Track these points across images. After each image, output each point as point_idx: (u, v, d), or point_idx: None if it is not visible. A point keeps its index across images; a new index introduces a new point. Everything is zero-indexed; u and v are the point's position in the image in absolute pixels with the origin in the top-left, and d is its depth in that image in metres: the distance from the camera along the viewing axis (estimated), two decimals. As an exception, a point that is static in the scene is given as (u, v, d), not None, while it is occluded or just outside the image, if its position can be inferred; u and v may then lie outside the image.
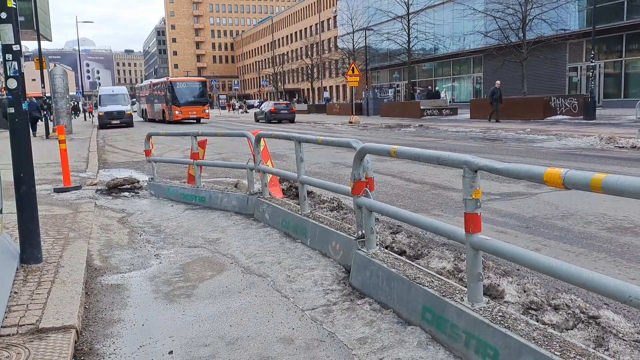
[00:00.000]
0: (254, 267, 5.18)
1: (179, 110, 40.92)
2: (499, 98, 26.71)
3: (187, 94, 42.17)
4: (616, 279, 2.52)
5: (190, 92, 42.41)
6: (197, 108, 42.12)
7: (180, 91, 41.82)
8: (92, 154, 16.70)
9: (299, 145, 6.06)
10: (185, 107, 41.37)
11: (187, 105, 41.52)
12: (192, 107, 41.80)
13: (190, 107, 41.66)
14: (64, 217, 7.29)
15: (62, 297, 4.10)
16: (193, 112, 41.82)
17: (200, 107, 42.35)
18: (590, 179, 2.39)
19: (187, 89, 42.43)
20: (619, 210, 6.86)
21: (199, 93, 43.14)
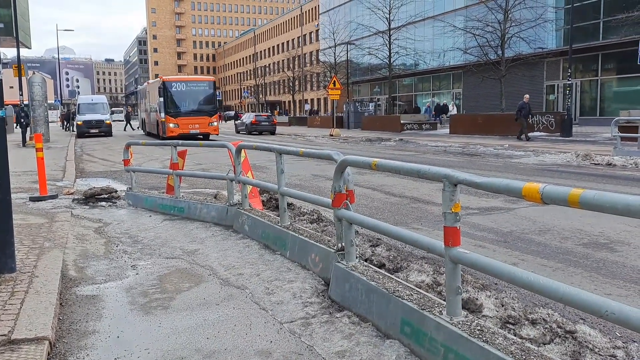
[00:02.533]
0: (233, 278, 5.14)
1: (174, 123, 29.02)
2: (527, 114, 24.09)
3: (187, 99, 30.29)
4: (593, 294, 2.54)
5: (192, 97, 30.44)
6: (201, 120, 29.78)
7: (177, 95, 30.06)
8: (69, 162, 16.49)
9: (280, 157, 6.05)
10: (185, 118, 29.47)
11: (186, 115, 29.65)
12: (193, 118, 29.51)
13: (191, 117, 29.53)
14: (40, 226, 7.17)
15: (35, 307, 4.02)
16: (195, 126, 29.52)
17: (205, 119, 29.98)
18: (567, 194, 2.41)
19: (187, 92, 30.25)
20: (595, 226, 6.96)
21: (205, 98, 30.90)
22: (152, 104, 33.83)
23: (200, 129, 29.68)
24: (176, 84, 30.08)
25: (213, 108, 30.95)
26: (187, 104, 29.93)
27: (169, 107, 29.41)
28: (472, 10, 38.16)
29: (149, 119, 36.39)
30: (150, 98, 35.29)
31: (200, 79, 32.41)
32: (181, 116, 29.44)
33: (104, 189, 10.02)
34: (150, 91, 34.86)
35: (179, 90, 29.92)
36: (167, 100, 29.47)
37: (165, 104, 29.47)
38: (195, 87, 30.56)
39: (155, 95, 32.01)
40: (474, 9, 37.14)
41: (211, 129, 30.42)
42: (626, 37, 27.85)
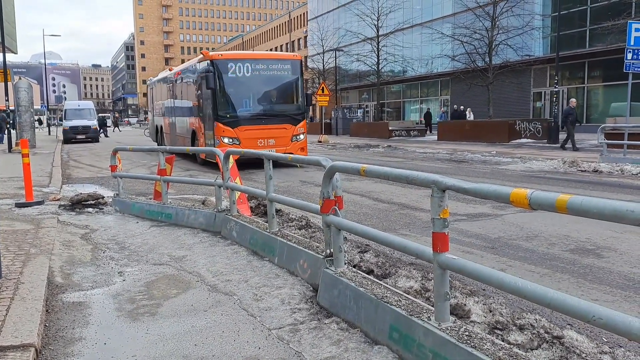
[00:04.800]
0: (221, 285, 5.11)
1: (231, 136, 16.47)
2: (575, 120, 20.96)
3: (255, 92, 17.30)
4: (580, 299, 2.56)
5: (263, 89, 17.44)
6: (279, 130, 17.08)
7: (238, 85, 17.03)
8: (55, 168, 16.35)
9: (268, 163, 6.05)
10: (251, 127, 16.69)
11: (254, 121, 16.82)
12: (266, 128, 16.89)
13: (263, 127, 16.83)
14: (25, 232, 7.10)
15: (21, 314, 3.97)
16: (269, 142, 16.82)
17: (285, 128, 17.18)
18: (555, 200, 2.43)
19: (255, 79, 17.14)
20: (581, 232, 7.01)
21: (286, 90, 17.85)
22: (183, 102, 20.41)
23: (277, 146, 16.45)
24: (237, 65, 16.53)
25: (299, 109, 17.49)
26: (253, 102, 17.05)
27: (221, 107, 16.31)
28: (460, 17, 38.43)
29: (173, 127, 22.45)
30: (176, 93, 21.83)
31: (277, 56, 18.34)
32: (244, 123, 16.37)
33: (91, 195, 9.94)
34: (178, 83, 21.37)
35: (242, 76, 16.60)
36: (218, 94, 16.25)
37: (214, 101, 16.30)
38: (269, 72, 17.07)
39: (188, 89, 19.51)
40: (462, 17, 37.39)
41: (297, 146, 16.95)
42: (612, 45, 28.19)
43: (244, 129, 16.28)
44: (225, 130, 16.24)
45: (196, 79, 18.13)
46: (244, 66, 16.69)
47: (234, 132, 16.26)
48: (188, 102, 19.66)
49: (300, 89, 17.58)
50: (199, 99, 17.74)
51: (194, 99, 18.51)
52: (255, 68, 16.84)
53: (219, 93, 16.31)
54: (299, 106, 17.59)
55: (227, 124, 16.24)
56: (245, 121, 16.43)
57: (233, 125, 16.26)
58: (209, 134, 16.90)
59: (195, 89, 18.35)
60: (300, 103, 17.59)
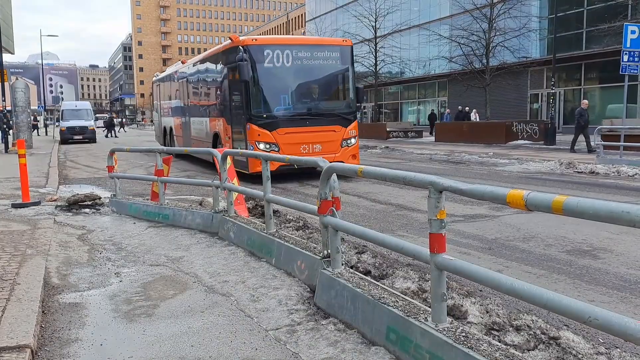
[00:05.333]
0: (218, 286, 5.11)
1: (269, 141, 13.00)
2: (587, 122, 19.79)
3: (296, 85, 13.82)
4: (576, 300, 2.56)
5: (306, 81, 13.94)
6: (326, 133, 13.51)
7: (276, 76, 13.54)
8: (52, 169, 16.33)
9: (266, 164, 6.05)
10: (292, 129, 13.20)
11: (295, 122, 13.31)
12: (309, 131, 13.28)
13: (305, 129, 13.25)
14: (22, 233, 7.08)
15: (17, 315, 3.96)
16: (314, 147, 13.32)
17: (334, 130, 13.64)
18: (551, 201, 2.44)
19: (296, 70, 13.63)
20: (578, 234, 7.02)
21: (333, 84, 14.51)
22: (201, 100, 17.41)
23: (324, 153, 12.99)
24: (275, 53, 13.18)
25: (350, 107, 14.22)
26: (295, 98, 13.70)
27: (256, 104, 13.10)
28: (457, 19, 38.49)
29: (186, 130, 19.44)
30: (191, 89, 18.75)
31: (324, 41, 15.04)
32: (284, 125, 13.15)
33: (88, 195, 9.93)
34: (194, 77, 18.27)
35: (281, 66, 13.31)
36: (251, 89, 13.02)
37: (246, 98, 13.07)
38: (313, 60, 13.71)
39: (209, 83, 16.57)
40: (459, 18, 37.46)
41: (347, 152, 13.75)
42: (608, 47, 28.25)
43: (284, 132, 12.93)
44: (262, 133, 12.79)
45: (221, 71, 14.85)
46: (283, 54, 13.20)
47: (272, 135, 12.82)
48: (208, 99, 16.55)
49: (351, 81, 14.23)
50: (224, 96, 14.52)
51: (217, 96, 15.38)
52: (297, 56, 13.39)
53: (252, 87, 12.91)
54: (350, 103, 14.19)
55: (264, 125, 12.85)
56: (286, 122, 13.08)
57: (271, 127, 12.86)
58: (237, 137, 13.63)
59: (219, 84, 15.19)
60: (351, 99, 14.19)
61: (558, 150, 21.93)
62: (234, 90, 13.92)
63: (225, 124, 14.46)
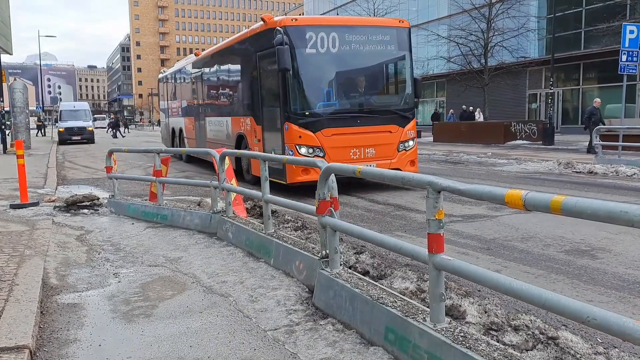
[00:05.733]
0: (216, 286, 5.11)
1: (312, 144, 10.68)
2: (598, 122, 18.45)
3: (346, 74, 11.56)
4: (575, 300, 2.57)
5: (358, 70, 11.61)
6: (381, 133, 11.14)
7: (322, 64, 11.13)
8: (50, 169, 16.31)
9: (264, 164, 6.05)
10: (342, 129, 10.83)
11: (346, 121, 10.91)
12: (361, 131, 10.94)
13: (357, 130, 10.92)
14: (20, 233, 7.07)
15: (15, 316, 3.96)
16: (367, 152, 11.03)
17: (390, 131, 11.25)
18: (550, 201, 2.44)
19: (347, 54, 11.12)
20: (576, 234, 7.02)
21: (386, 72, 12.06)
22: (222, 95, 15.32)
23: (379, 159, 11.14)
24: (319, 36, 10.82)
25: (408, 103, 11.89)
26: (344, 91, 11.63)
27: (296, 99, 10.85)
28: (455, 19, 38.48)
29: (200, 130, 17.10)
30: (208, 84, 16.55)
31: (377, 22, 12.65)
32: (331, 125, 10.89)
33: (86, 196, 9.92)
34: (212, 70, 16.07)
35: (327, 52, 10.97)
36: (290, 80, 10.77)
37: (284, 91, 10.82)
38: (366, 45, 11.36)
39: (232, 76, 14.35)
40: (458, 18, 37.46)
41: (405, 158, 11.56)
42: (607, 46, 28.28)
43: (330, 133, 10.63)
44: (303, 135, 10.52)
45: (249, 61, 12.40)
46: (329, 37, 10.76)
47: (316, 137, 10.56)
48: (231, 95, 14.27)
49: (409, 71, 11.77)
50: (253, 90, 12.19)
51: (243, 91, 13.06)
52: (345, 40, 10.95)
53: (291, 78, 10.56)
54: (408, 97, 11.70)
55: (306, 125, 10.55)
56: (333, 121, 10.72)
57: (314, 127, 10.57)
58: (270, 140, 11.36)
59: (246, 76, 12.74)
60: (409, 92, 11.69)
61: (556, 150, 21.97)
62: (267, 83, 11.57)
63: (253, 124, 12.16)
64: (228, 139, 14.13)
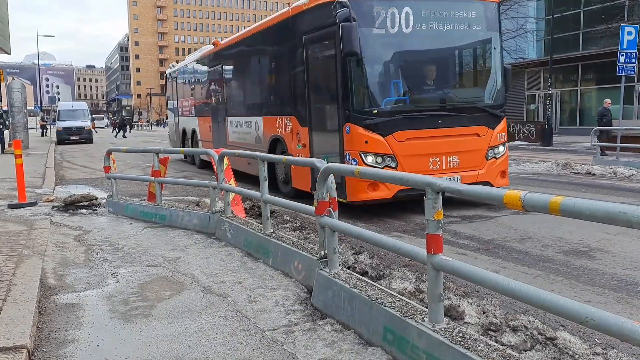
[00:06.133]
0: (215, 286, 5.10)
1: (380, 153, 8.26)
2: (609, 122, 18.06)
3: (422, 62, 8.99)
4: (573, 300, 2.57)
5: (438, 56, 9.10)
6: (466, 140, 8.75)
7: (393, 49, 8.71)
8: (49, 169, 16.30)
9: (263, 165, 6.05)
10: (418, 133, 8.43)
11: (422, 120, 8.50)
12: (444, 135, 8.58)
13: (439, 132, 8.55)
14: (18, 233, 7.07)
15: (13, 316, 3.96)
16: (450, 160, 8.64)
17: (477, 133, 8.86)
18: (548, 202, 2.44)
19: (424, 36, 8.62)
20: (574, 234, 7.03)
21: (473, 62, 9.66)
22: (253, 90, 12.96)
23: (463, 169, 8.77)
24: (388, 11, 8.26)
25: (498, 97, 9.34)
26: (420, 84, 9.18)
27: (360, 94, 8.38)
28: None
29: (220, 132, 14.72)
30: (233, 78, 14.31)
31: None
32: (404, 126, 8.40)
33: (84, 196, 9.91)
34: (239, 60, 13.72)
35: (398, 33, 8.40)
36: (353, 69, 8.24)
37: (344, 83, 8.36)
38: (445, 25, 8.69)
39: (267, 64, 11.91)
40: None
41: (495, 168, 9.13)
42: (605, 48, 28.32)
43: (404, 136, 8.30)
44: (371, 139, 8.19)
45: (292, 46, 9.91)
46: (402, 13, 8.37)
47: (386, 143, 8.24)
48: (264, 89, 11.88)
49: (499, 57, 9.33)
50: (296, 82, 9.89)
51: (282, 84, 10.74)
52: (422, 17, 8.52)
53: (355, 66, 8.18)
54: (498, 91, 9.32)
55: (373, 127, 8.21)
56: (408, 122, 8.38)
57: (384, 129, 8.23)
58: (323, 144, 9.14)
59: (287, 65, 10.35)
60: (498, 85, 9.31)
61: (555, 151, 22.00)
62: (318, 74, 9.31)
63: (296, 125, 9.85)
64: (258, 142, 11.83)
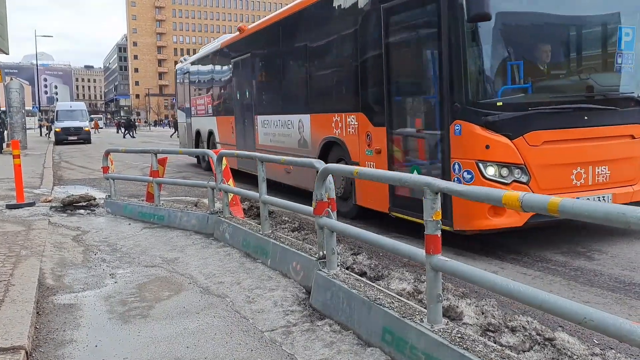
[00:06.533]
0: (213, 287, 5.10)
1: (508, 162, 5.96)
2: None
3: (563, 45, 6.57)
4: (571, 301, 2.57)
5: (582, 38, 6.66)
6: (619, 143, 6.45)
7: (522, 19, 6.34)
8: (47, 170, 16.28)
9: (262, 165, 6.05)
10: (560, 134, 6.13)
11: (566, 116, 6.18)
12: (591, 137, 6.24)
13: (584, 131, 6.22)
14: (16, 234, 7.05)
15: (11, 316, 3.95)
16: (598, 166, 6.28)
17: (633, 135, 6.55)
18: (547, 202, 2.44)
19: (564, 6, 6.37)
20: (572, 235, 7.03)
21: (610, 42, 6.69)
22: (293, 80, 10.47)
23: (615, 183, 6.49)
24: None
25: None
26: (559, 67, 6.79)
27: (479, 79, 6.20)
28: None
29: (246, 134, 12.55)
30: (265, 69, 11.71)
31: None
32: (539, 124, 6.07)
33: (83, 196, 9.90)
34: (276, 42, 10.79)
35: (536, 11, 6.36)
36: (468, 49, 5.96)
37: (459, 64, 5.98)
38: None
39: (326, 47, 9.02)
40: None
41: None
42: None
43: (539, 139, 6.13)
44: (493, 143, 6.02)
45: (361, 21, 7.77)
46: None
47: (514, 148, 6.06)
48: (317, 79, 9.36)
49: None
50: (366, 68, 7.71)
51: (345, 71, 8.37)
52: None
53: (469, 41, 6.06)
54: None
55: (496, 126, 6.04)
56: (544, 119, 6.19)
57: (512, 129, 6.07)
58: (414, 150, 7.08)
59: (353, 46, 8.05)
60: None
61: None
62: (406, 53, 7.20)
63: (366, 123, 7.67)
64: (303, 146, 9.63)
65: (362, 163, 7.77)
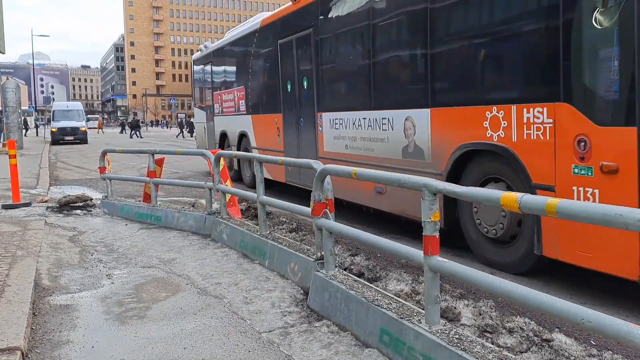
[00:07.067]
0: (210, 288, 5.09)
1: None
2: None
3: None
4: (569, 302, 2.57)
5: None
6: None
7: None
8: (43, 170, 16.23)
9: (260, 166, 6.04)
10: None
11: None
12: None
13: None
14: (12, 234, 7.03)
15: (7, 317, 3.93)
16: None
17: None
18: (545, 204, 2.45)
19: None
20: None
21: None
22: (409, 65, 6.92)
23: None
24: None
25: None
26: None
27: None
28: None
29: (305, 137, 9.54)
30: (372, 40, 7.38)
31: None
32: None
33: (79, 196, 9.87)
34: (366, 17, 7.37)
35: None
36: None
37: None
38: None
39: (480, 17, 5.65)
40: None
41: None
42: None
43: None
44: None
45: None
46: None
47: None
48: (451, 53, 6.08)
49: None
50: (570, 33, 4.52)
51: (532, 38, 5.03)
52: None
53: None
54: None
55: None
56: None
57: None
58: None
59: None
60: None
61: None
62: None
63: (578, 120, 4.52)
64: (416, 157, 6.64)
65: (564, 191, 4.65)
